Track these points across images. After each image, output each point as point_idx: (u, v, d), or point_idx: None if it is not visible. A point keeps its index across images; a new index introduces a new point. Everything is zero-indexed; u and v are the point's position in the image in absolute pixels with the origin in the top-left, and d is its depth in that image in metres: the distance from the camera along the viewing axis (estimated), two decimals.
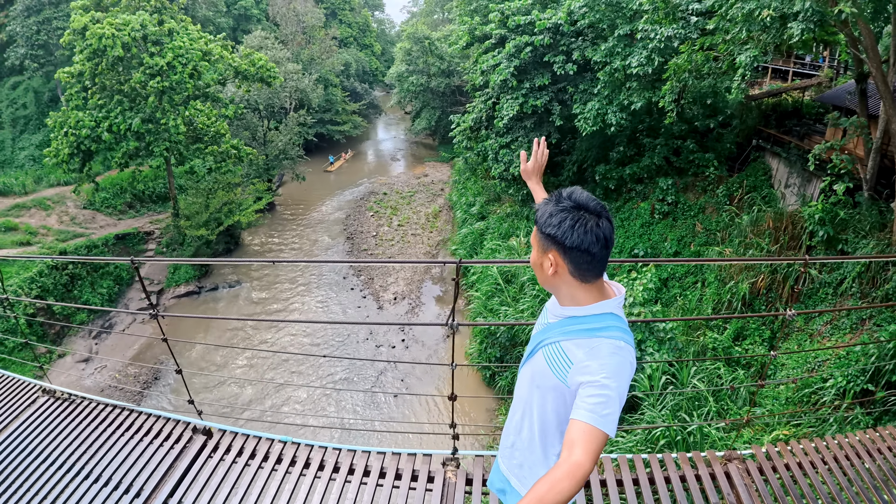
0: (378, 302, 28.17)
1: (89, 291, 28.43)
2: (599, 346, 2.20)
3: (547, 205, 2.31)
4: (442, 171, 49.84)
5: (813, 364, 14.89)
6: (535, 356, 2.48)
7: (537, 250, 2.35)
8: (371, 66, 71.09)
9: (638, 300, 16.95)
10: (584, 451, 1.97)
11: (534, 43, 25.03)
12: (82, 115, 28.21)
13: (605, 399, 2.07)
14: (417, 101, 54.85)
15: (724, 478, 4.78)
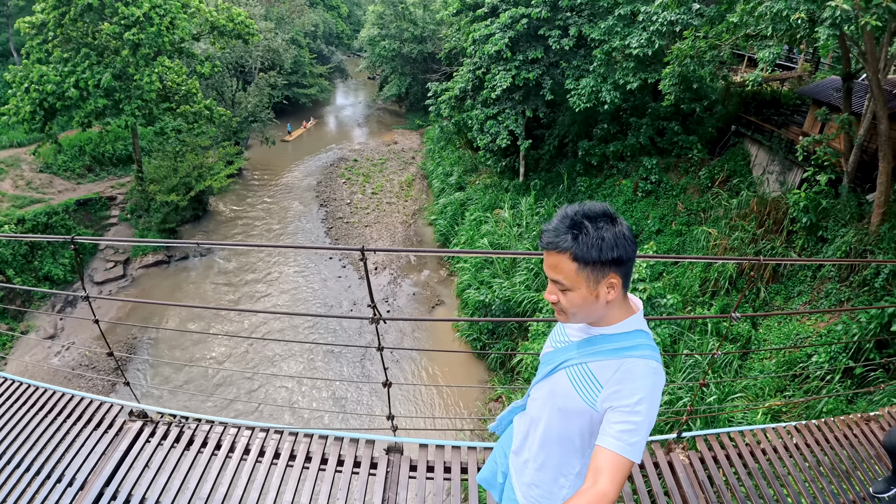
0: (358, 273, 27.09)
1: (51, 262, 26.73)
2: (633, 368, 2.13)
3: (587, 233, 2.07)
4: (411, 139, 48.60)
5: (794, 341, 15.49)
6: (556, 376, 2.38)
7: (586, 286, 2.12)
8: (338, 28, 69.05)
9: (642, 276, 16.76)
10: (609, 480, 1.96)
11: (530, 15, 24.59)
12: (46, 70, 26.00)
13: (634, 427, 2.04)
14: (387, 66, 53.30)
15: None
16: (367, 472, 4.68)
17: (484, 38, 25.97)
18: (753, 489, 4.60)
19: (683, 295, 18.92)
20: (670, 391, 14.55)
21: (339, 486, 4.54)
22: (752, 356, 16.10)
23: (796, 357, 14.71)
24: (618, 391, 2.11)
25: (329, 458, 4.77)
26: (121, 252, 28.64)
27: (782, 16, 13.88)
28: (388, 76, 54.80)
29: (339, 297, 25.31)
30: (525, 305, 20.48)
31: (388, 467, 4.71)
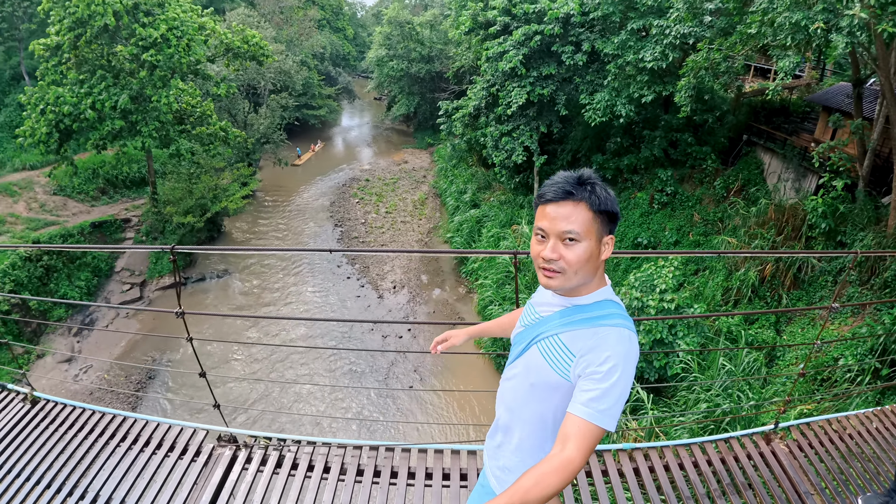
0: (377, 291, 26.94)
1: (66, 285, 26.50)
2: (606, 335, 2.08)
3: (598, 188, 2.10)
4: (421, 157, 48.73)
5: (819, 346, 14.82)
6: (528, 353, 2.32)
7: (596, 237, 2.12)
8: (344, 49, 69.50)
9: (669, 287, 16.73)
10: (576, 446, 1.93)
11: (543, 32, 24.72)
12: (62, 91, 25.88)
13: (603, 393, 1.99)
14: (396, 86, 53.55)
15: None
16: None
17: (498, 55, 26.06)
18: (850, 472, 4.65)
19: (707, 304, 18.80)
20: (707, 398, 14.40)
21: None
22: (777, 362, 16.04)
23: (823, 361, 14.59)
24: (590, 359, 2.05)
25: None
26: (136, 274, 28.50)
27: (800, 26, 14.01)
28: (396, 96, 55.01)
29: (360, 315, 25.14)
30: None
31: None
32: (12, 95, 39.35)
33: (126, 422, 5.24)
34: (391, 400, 20.33)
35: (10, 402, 5.73)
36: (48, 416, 5.45)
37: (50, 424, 5.28)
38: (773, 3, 14.87)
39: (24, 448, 5.02)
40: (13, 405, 5.67)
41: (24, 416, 5.47)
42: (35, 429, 5.26)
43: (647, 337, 15.93)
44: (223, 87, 29.02)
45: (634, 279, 17.44)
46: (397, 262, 29.46)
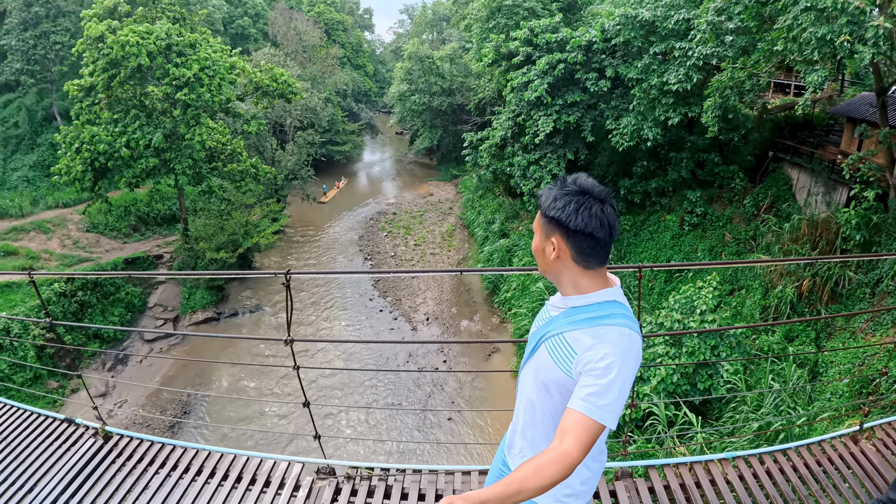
0: (411, 323, 26.91)
1: (100, 319, 26.69)
2: (605, 333, 2.17)
3: (552, 189, 2.29)
4: (446, 189, 49.07)
5: (862, 359, 15.21)
6: (538, 352, 2.42)
7: (539, 236, 2.33)
8: (365, 86, 70.43)
9: (709, 307, 16.58)
10: (575, 440, 1.99)
11: (567, 60, 24.99)
12: (97, 130, 26.41)
13: (603, 388, 2.05)
14: (418, 120, 54.05)
15: None
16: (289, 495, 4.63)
17: (523, 85, 26.27)
18: None
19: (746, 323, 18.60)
20: (758, 418, 14.16)
21: None
22: (820, 378, 15.81)
23: (868, 375, 14.23)
24: (589, 356, 2.14)
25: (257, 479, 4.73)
26: (170, 309, 28.67)
27: (826, 40, 14.12)
28: (419, 130, 55.48)
29: (394, 349, 24.98)
30: None
31: None
32: (44, 135, 40.29)
33: (212, 456, 5.12)
34: (458, 425, 20.23)
35: (81, 437, 5.54)
36: (123, 451, 5.28)
37: (127, 461, 5.13)
38: (798, 19, 14.89)
39: (101, 487, 4.90)
40: (84, 441, 5.48)
41: (97, 452, 5.29)
42: (111, 466, 5.11)
43: (690, 359, 15.80)
44: (253, 124, 29.41)
45: (674, 301, 17.35)
46: (429, 294, 29.44)
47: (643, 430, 15.92)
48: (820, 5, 14.19)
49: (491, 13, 32.30)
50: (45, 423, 5.84)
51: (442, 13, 76.42)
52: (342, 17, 71.20)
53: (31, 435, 5.67)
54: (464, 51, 51.24)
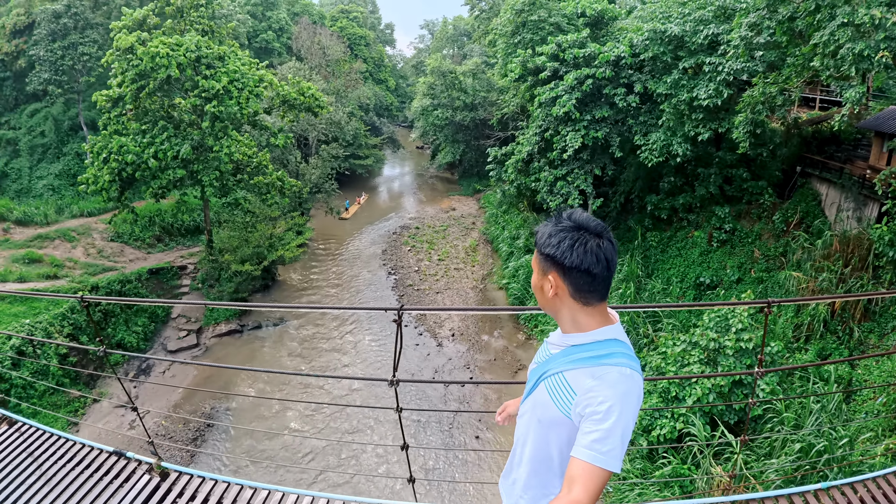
0: (436, 339, 26.67)
1: (124, 330, 26.75)
2: (605, 374, 2.16)
3: (546, 225, 2.32)
4: (468, 204, 49.10)
5: None
6: (538, 389, 2.42)
7: (538, 273, 2.35)
8: (387, 100, 70.86)
9: (745, 325, 16.30)
10: (583, 489, 2.00)
11: (595, 75, 25.00)
12: (125, 141, 26.54)
13: (605, 434, 2.04)
14: (441, 134, 54.24)
15: None
16: None
17: (550, 100, 26.25)
18: None
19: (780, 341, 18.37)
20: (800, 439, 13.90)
21: None
22: (854, 398, 15.54)
23: None
24: (589, 398, 2.13)
25: None
26: (193, 321, 28.67)
27: (864, 56, 14.12)
28: (441, 144, 55.67)
29: (420, 364, 24.81)
30: None
31: None
32: (70, 145, 40.94)
33: (286, 500, 4.93)
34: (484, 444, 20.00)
35: (133, 473, 5.30)
36: (184, 492, 5.04)
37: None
38: (835, 34, 14.85)
39: None
40: (139, 478, 5.22)
41: (154, 492, 5.04)
42: None
43: (725, 380, 15.60)
44: (280, 137, 29.46)
45: (709, 319, 17.17)
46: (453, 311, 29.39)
47: (678, 451, 15.71)
48: (857, 21, 14.20)
49: (516, 28, 32.37)
50: (91, 456, 5.60)
51: (463, 28, 76.93)
52: (364, 32, 71.86)
53: (76, 468, 5.44)
54: (486, 66, 51.45)
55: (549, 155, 27.29)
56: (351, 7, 73.52)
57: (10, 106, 44.19)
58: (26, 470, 5.43)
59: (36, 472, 5.36)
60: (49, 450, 5.75)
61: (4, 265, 28.39)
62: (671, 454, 15.71)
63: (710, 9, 22.03)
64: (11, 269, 27.95)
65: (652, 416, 16.25)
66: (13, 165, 41.05)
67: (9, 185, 40.15)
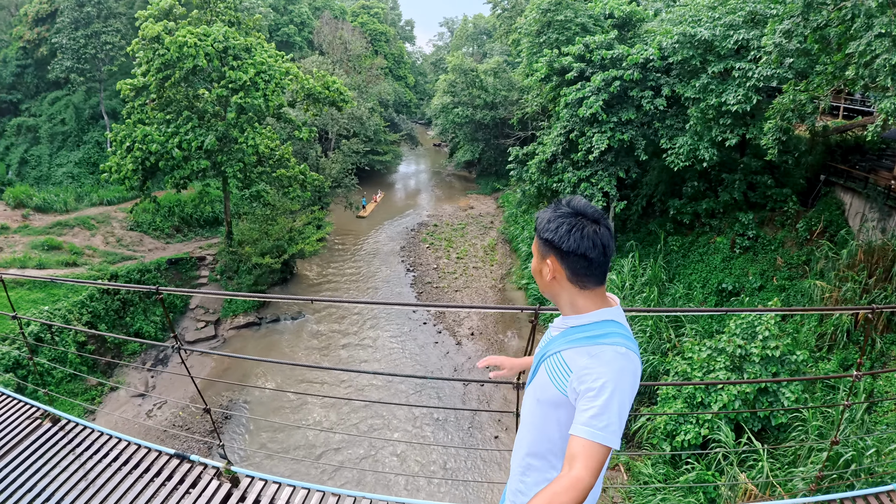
0: (455, 338, 26.68)
1: (142, 319, 26.99)
2: (600, 352, 2.21)
3: (546, 211, 2.39)
4: (486, 203, 49.21)
5: None
6: (539, 371, 2.47)
7: (537, 257, 2.43)
8: (406, 97, 71.02)
9: (773, 332, 16.36)
10: (584, 465, 2.01)
11: (622, 77, 24.94)
12: (150, 130, 26.61)
13: (601, 410, 2.08)
14: (461, 132, 54.33)
15: None
16: None
17: (577, 101, 26.23)
18: None
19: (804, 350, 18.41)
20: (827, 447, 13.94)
21: None
22: (876, 408, 15.53)
23: None
24: (585, 375, 2.17)
25: None
26: (211, 312, 28.77)
27: None
28: (460, 143, 55.83)
29: (439, 362, 24.82)
30: (645, 368, 20.03)
31: None
32: (90, 133, 41.24)
33: None
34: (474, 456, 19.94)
35: (200, 478, 5.04)
36: (259, 499, 4.83)
37: None
38: (871, 45, 14.78)
39: None
40: (207, 484, 4.97)
41: (226, 499, 4.82)
42: None
43: (751, 386, 15.62)
44: (305, 131, 29.46)
45: (735, 326, 17.17)
46: (473, 309, 29.41)
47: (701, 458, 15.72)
48: (894, 32, 14.14)
49: (542, 28, 32.36)
50: (149, 458, 5.31)
51: (483, 27, 77.04)
52: (385, 28, 71.99)
53: (135, 471, 5.17)
54: (508, 65, 51.46)
55: (572, 156, 27.25)
56: (372, 3, 73.60)
57: (31, 93, 44.57)
58: (75, 474, 5.11)
59: (87, 476, 5.06)
60: (100, 451, 5.46)
61: (24, 251, 28.64)
62: (695, 460, 15.72)
63: (740, 14, 21.95)
64: (31, 256, 28.23)
65: (676, 422, 16.31)
66: (33, 152, 41.39)
67: (28, 172, 40.46)
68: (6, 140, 42.16)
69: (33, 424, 5.94)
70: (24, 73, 44.13)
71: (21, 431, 5.81)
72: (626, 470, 18.00)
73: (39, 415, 6.13)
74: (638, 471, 16.83)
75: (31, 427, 5.89)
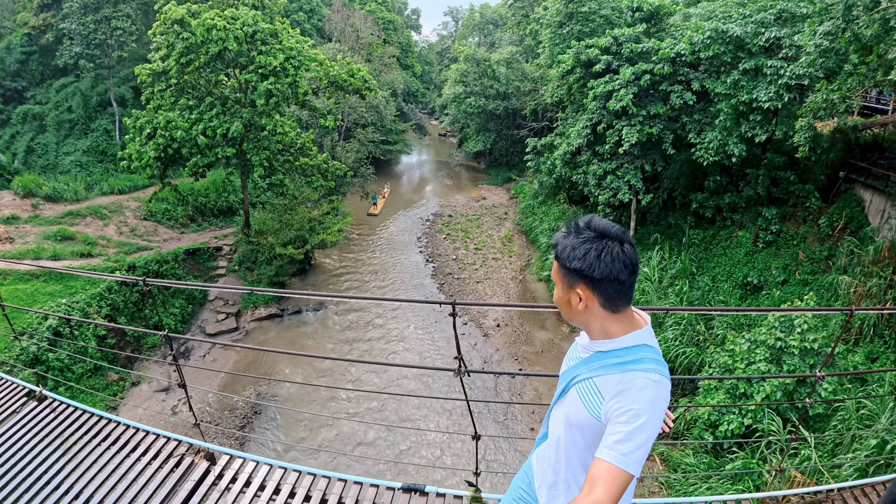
0: (482, 329, 27.22)
1: (162, 311, 27.12)
2: (633, 380, 2.24)
3: (566, 237, 2.36)
4: (498, 194, 49.79)
5: None
6: (569, 393, 2.51)
7: (562, 287, 2.39)
8: (414, 86, 71.39)
9: (811, 326, 16.89)
10: (604, 490, 2.05)
11: (653, 71, 25.37)
12: (174, 116, 26.59)
13: (628, 437, 2.13)
14: (473, 122, 54.86)
15: None
16: None
17: (605, 94, 26.73)
18: None
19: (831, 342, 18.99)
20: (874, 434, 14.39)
21: None
22: None
23: None
24: (618, 402, 2.22)
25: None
26: (231, 304, 29.02)
27: None
28: (470, 133, 56.41)
29: (468, 354, 25.24)
30: (681, 361, 20.65)
31: None
32: (99, 121, 41.23)
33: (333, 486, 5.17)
34: None
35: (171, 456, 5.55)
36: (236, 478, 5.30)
37: None
38: None
39: None
40: (179, 460, 5.50)
41: (203, 477, 5.30)
42: None
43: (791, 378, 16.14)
44: (330, 119, 29.51)
45: (774, 319, 17.71)
46: (495, 300, 29.77)
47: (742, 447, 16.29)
48: None
49: (564, 19, 32.79)
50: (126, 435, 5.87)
51: (489, 16, 77.32)
52: (392, 17, 72.40)
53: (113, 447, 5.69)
54: (522, 56, 51.85)
55: (597, 148, 27.70)
56: None
57: (37, 81, 44.71)
58: (58, 450, 5.58)
59: (70, 451, 5.53)
60: (82, 428, 5.92)
61: (37, 241, 28.68)
62: (737, 449, 16.28)
63: (770, 12, 22.53)
64: (44, 247, 28.21)
65: (720, 413, 16.88)
66: (39, 141, 41.50)
67: (35, 161, 40.60)
68: (12, 128, 42.29)
69: (21, 402, 6.40)
70: (28, 60, 44.28)
71: (7, 408, 6.28)
72: (663, 460, 18.56)
73: (25, 393, 6.57)
74: (676, 461, 17.37)
75: (19, 404, 6.36)
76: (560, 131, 32.26)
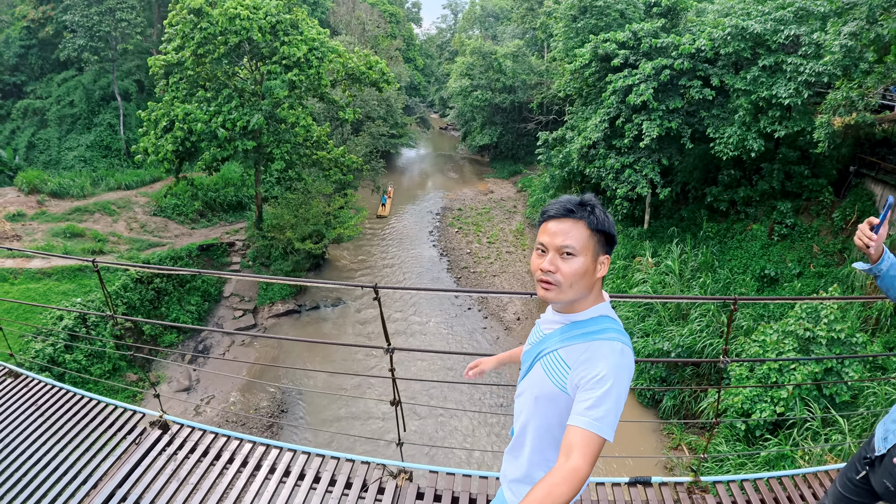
0: (502, 323, 27.91)
1: (177, 308, 27.41)
2: (598, 347, 2.33)
3: (598, 211, 2.40)
4: (505, 187, 50.47)
5: None
6: (534, 369, 2.58)
7: (587, 257, 2.37)
8: (416, 80, 72.09)
9: (837, 317, 17.60)
10: (581, 455, 2.10)
11: (673, 66, 25.99)
12: (192, 108, 26.69)
13: (598, 402, 2.18)
14: (480, 115, 55.58)
15: None
16: (373, 497, 5.02)
17: (625, 88, 27.44)
18: None
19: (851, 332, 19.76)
20: None
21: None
22: None
23: None
24: (584, 370, 2.29)
25: (337, 480, 5.24)
26: (247, 300, 29.32)
27: None
28: (475, 126, 57.11)
29: (491, 348, 25.85)
30: (708, 352, 21.49)
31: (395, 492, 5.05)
32: (102, 115, 41.32)
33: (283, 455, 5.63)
34: None
35: (135, 426, 6.04)
36: (184, 445, 5.80)
37: None
38: None
39: None
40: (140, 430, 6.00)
41: (154, 444, 5.75)
42: None
43: (818, 366, 16.87)
44: (349, 112, 29.93)
45: (801, 309, 18.47)
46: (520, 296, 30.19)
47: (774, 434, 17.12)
48: None
49: (578, 13, 33.37)
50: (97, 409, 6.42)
51: (490, 9, 77.82)
52: (395, 10, 72.90)
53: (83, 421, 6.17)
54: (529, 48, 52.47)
55: (614, 142, 28.37)
56: None
57: (36, 75, 44.87)
58: (28, 419, 6.18)
59: (38, 422, 6.11)
60: (56, 403, 6.45)
61: (45, 239, 28.74)
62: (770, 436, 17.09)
63: (789, 10, 23.32)
64: (53, 244, 28.26)
65: (752, 401, 17.66)
66: (41, 136, 41.60)
67: (36, 157, 40.69)
68: (11, 123, 42.34)
69: None
70: (27, 53, 44.34)
71: None
72: (690, 449, 19.35)
73: (5, 373, 7.12)
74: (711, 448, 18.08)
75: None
76: (571, 125, 32.83)
